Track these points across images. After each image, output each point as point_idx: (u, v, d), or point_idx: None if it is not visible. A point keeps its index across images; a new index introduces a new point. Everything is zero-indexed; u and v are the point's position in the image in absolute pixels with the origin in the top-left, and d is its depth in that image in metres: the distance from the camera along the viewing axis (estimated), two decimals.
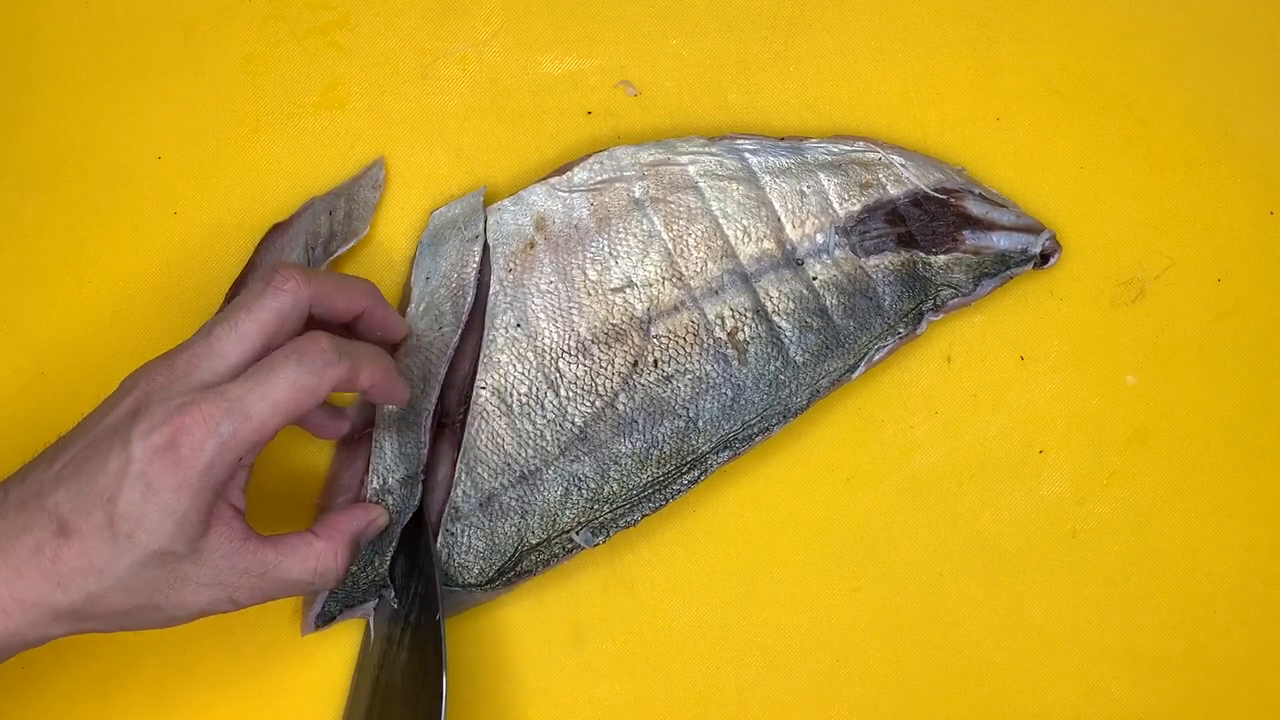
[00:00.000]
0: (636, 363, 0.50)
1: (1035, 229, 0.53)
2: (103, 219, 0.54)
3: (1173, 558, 0.52)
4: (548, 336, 0.50)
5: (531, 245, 0.52)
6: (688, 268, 0.51)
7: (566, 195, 0.52)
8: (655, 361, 0.50)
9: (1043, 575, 0.51)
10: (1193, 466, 0.53)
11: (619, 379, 0.50)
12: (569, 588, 0.51)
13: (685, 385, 0.50)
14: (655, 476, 0.50)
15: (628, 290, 0.51)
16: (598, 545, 0.49)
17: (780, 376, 0.51)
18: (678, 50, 0.57)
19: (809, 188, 0.53)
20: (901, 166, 0.53)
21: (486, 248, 0.52)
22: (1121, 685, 0.51)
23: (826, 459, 0.52)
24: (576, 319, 0.51)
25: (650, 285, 0.51)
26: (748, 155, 0.53)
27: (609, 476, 0.49)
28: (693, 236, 0.51)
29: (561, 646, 0.50)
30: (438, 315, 0.51)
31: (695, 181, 0.52)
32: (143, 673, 0.49)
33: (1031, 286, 0.54)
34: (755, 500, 0.52)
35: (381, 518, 0.47)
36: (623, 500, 0.49)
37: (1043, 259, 0.53)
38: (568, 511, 0.49)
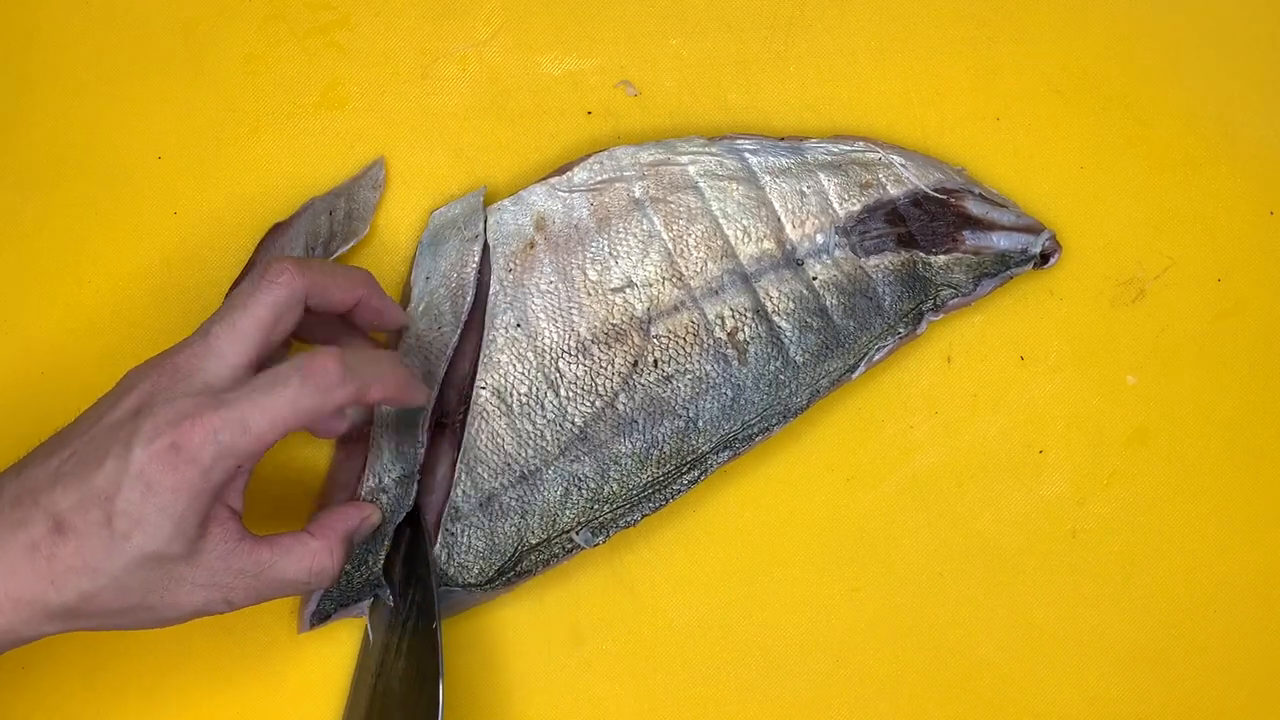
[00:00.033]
0: (636, 363, 0.50)
1: (1035, 229, 0.53)
2: (103, 219, 0.54)
3: (1173, 558, 0.52)
4: (548, 336, 0.50)
5: (531, 245, 0.52)
6: (688, 268, 0.51)
7: (566, 195, 0.52)
8: (655, 361, 0.50)
9: (1043, 575, 0.51)
10: (1193, 466, 0.53)
11: (619, 379, 0.50)
12: (569, 588, 0.51)
13: (685, 385, 0.50)
14: (655, 476, 0.50)
15: (628, 290, 0.51)
16: (598, 545, 0.49)
17: (780, 376, 0.51)
18: (678, 50, 0.57)
19: (809, 188, 0.52)
20: (901, 166, 0.53)
21: (486, 248, 0.52)
22: (1121, 685, 0.51)
23: (826, 459, 0.52)
24: (576, 319, 0.51)
25: (650, 285, 0.51)
26: (748, 155, 0.53)
27: (609, 476, 0.49)
28: (693, 236, 0.51)
29: (561, 646, 0.50)
30: (437, 315, 0.51)
31: (695, 181, 0.52)
32: (141, 672, 0.49)
33: (1031, 286, 0.54)
34: (755, 500, 0.52)
35: (375, 516, 0.47)
36: (623, 500, 0.49)
37: (1043, 259, 0.53)
38: (568, 511, 0.49)
